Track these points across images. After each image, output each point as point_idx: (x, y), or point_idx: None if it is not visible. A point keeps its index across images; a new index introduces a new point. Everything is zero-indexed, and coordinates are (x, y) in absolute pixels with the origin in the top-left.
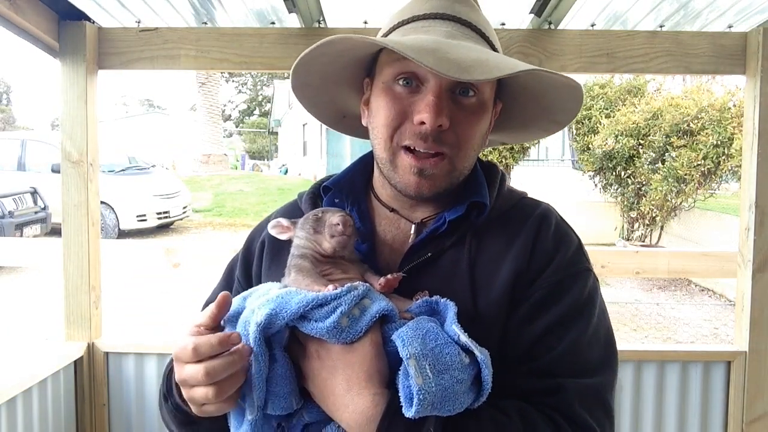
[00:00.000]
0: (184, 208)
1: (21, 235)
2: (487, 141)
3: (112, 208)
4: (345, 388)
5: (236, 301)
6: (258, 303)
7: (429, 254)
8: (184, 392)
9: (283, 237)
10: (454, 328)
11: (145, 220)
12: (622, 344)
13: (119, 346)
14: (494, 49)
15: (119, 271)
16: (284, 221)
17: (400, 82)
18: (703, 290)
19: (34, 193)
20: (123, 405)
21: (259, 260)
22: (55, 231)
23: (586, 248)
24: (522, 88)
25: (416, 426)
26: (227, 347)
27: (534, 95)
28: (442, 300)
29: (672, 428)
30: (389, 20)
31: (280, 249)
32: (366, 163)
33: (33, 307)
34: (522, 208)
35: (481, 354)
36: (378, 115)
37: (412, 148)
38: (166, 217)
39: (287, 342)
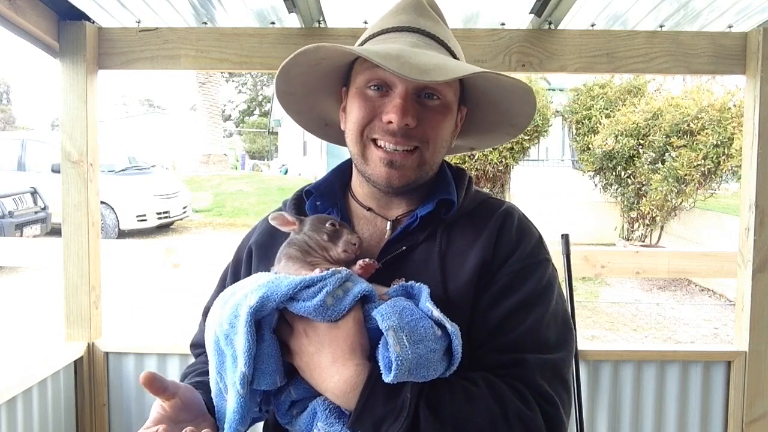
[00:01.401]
0: (184, 208)
1: (21, 235)
2: (454, 145)
3: (112, 208)
4: (331, 361)
5: (227, 291)
6: (249, 288)
7: (404, 248)
8: None
9: (283, 229)
10: (428, 305)
11: (145, 220)
12: (621, 344)
13: (119, 346)
14: (455, 57)
15: (119, 271)
16: (288, 216)
17: (371, 88)
18: (703, 290)
19: (34, 193)
20: (123, 405)
21: (247, 266)
22: (55, 231)
23: (587, 248)
24: (482, 93)
25: (395, 391)
26: None
27: (492, 100)
28: (416, 284)
29: (672, 428)
30: (364, 33)
31: (269, 254)
32: (343, 170)
33: (33, 307)
34: (487, 206)
35: (452, 327)
36: (351, 114)
37: (380, 144)
38: (166, 217)
39: (276, 324)
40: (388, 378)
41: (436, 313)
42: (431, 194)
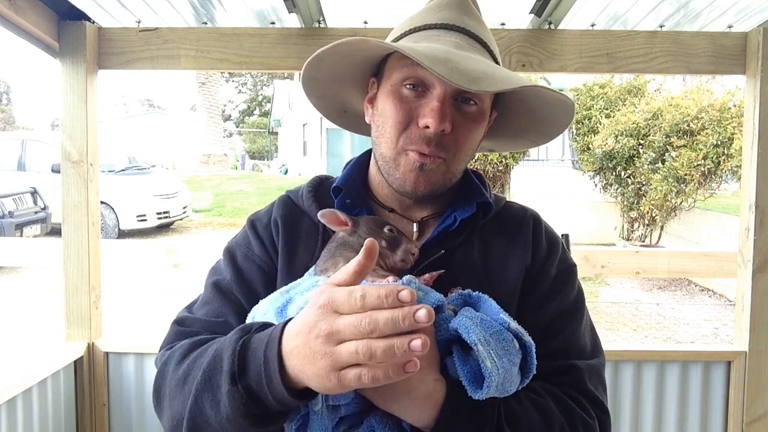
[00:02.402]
0: (184, 208)
1: (21, 235)
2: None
3: (112, 208)
4: None
5: (277, 296)
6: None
7: (443, 251)
8: (322, 351)
9: (333, 228)
10: (503, 317)
11: (145, 220)
12: (621, 344)
13: (119, 346)
14: (495, 60)
15: (119, 271)
16: (341, 215)
17: (407, 86)
18: (703, 290)
19: (34, 193)
20: (123, 405)
21: (270, 241)
22: (55, 231)
23: (587, 248)
24: (519, 100)
25: (476, 407)
26: (397, 304)
27: (529, 107)
28: (474, 293)
29: (672, 428)
30: (401, 26)
31: (291, 233)
32: (360, 165)
33: (33, 307)
34: (511, 211)
35: (529, 339)
36: (386, 115)
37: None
38: (166, 217)
39: None
40: (478, 395)
41: (513, 324)
42: (463, 197)
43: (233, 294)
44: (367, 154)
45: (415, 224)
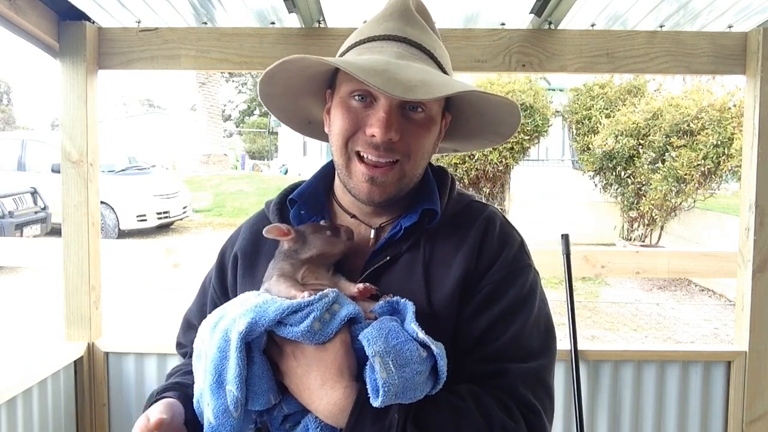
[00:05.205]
0: (184, 208)
1: (21, 235)
2: (438, 148)
3: (112, 208)
4: (319, 383)
5: (216, 313)
6: (238, 312)
7: (387, 258)
8: None
9: (280, 239)
10: (413, 327)
11: (145, 220)
12: (621, 344)
13: (119, 346)
14: (442, 68)
15: (119, 271)
16: (284, 226)
17: (356, 98)
18: (703, 290)
19: (34, 193)
20: (123, 405)
21: (233, 273)
22: (55, 231)
23: (587, 248)
24: (467, 103)
25: (382, 413)
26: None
27: (477, 110)
28: (402, 300)
29: (672, 428)
30: (349, 39)
31: (254, 262)
32: (327, 173)
33: (33, 307)
34: (470, 212)
35: (437, 348)
36: (335, 124)
37: (363, 156)
38: (166, 217)
39: (265, 344)
40: (375, 402)
41: (421, 335)
42: (415, 202)
43: (195, 326)
44: None
45: (372, 230)
